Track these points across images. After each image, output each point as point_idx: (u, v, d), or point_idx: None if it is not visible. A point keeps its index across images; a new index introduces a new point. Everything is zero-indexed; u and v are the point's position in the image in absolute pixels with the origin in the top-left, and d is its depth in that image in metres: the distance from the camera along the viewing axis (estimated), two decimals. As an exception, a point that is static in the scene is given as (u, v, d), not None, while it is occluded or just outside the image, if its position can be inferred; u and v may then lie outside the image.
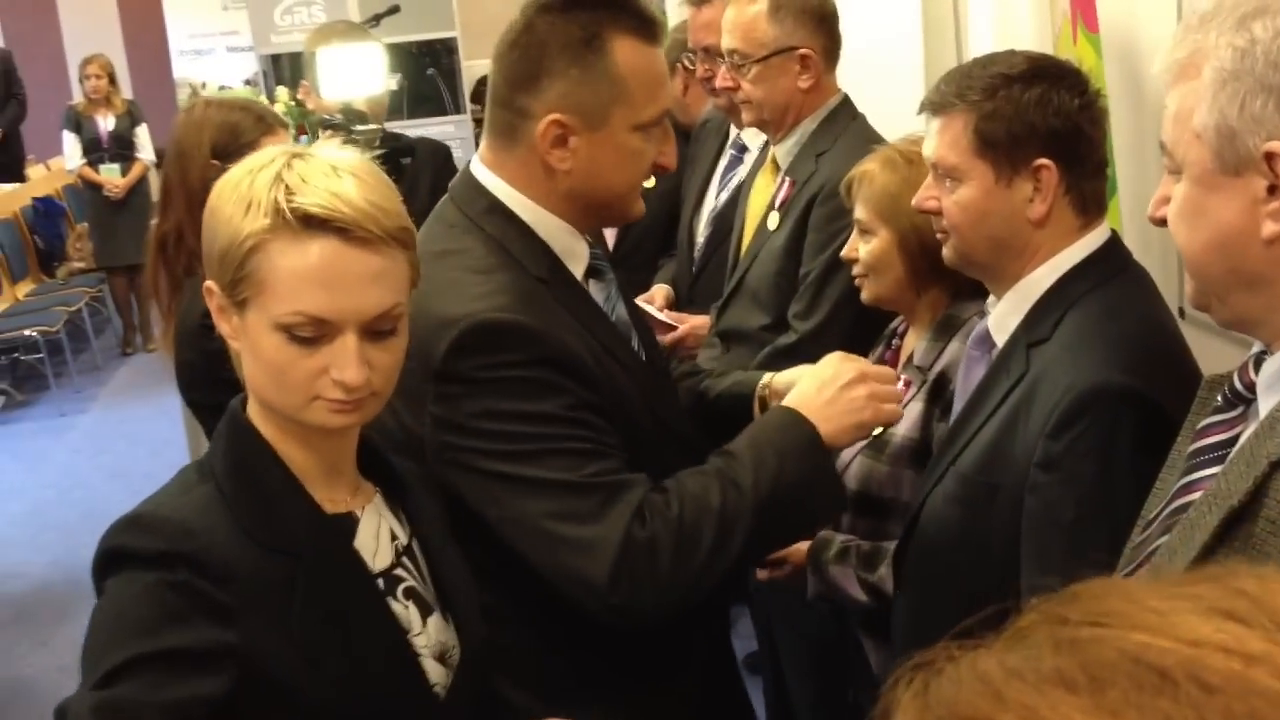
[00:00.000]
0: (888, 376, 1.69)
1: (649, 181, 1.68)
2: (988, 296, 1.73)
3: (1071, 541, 1.44)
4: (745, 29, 2.53)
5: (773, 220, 2.55)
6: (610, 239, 3.16)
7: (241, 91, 10.23)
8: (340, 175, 1.21)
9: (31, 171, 9.74)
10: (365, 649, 1.26)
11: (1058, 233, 1.59)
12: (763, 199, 2.65)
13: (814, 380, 1.64)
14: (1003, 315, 1.65)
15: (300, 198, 1.19)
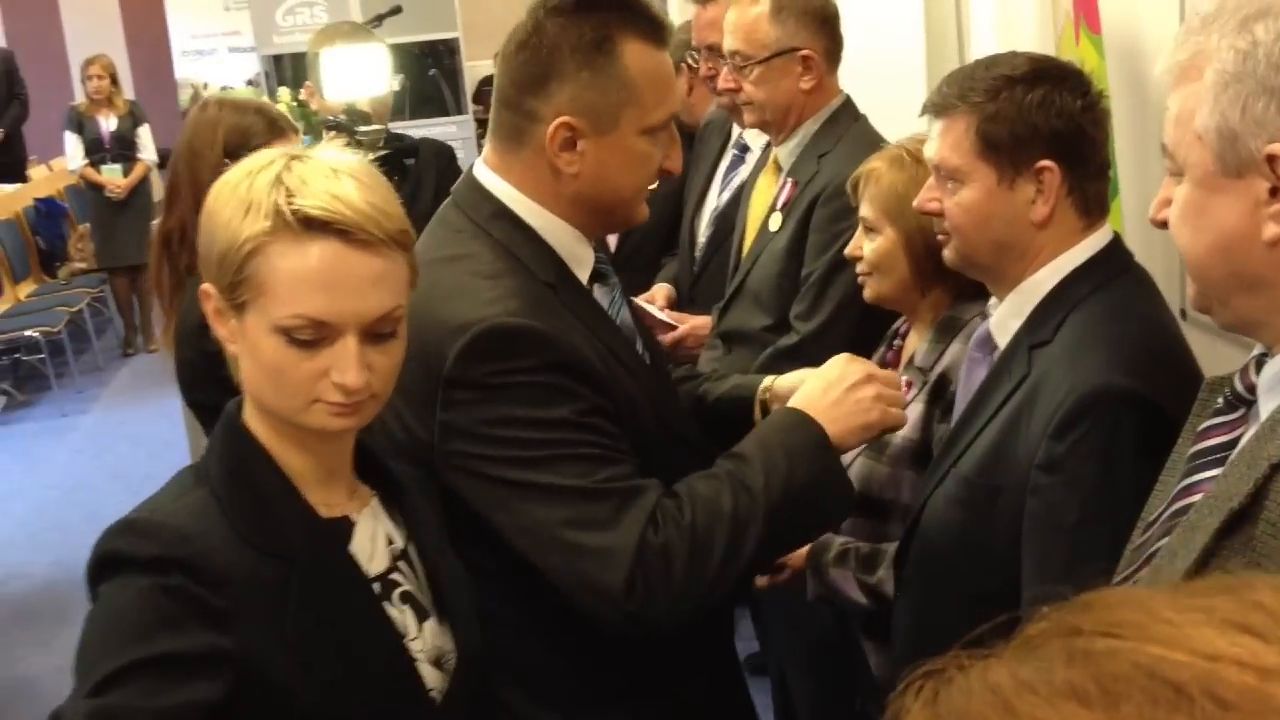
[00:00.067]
0: (893, 380, 1.68)
1: (651, 184, 1.67)
2: (990, 298, 1.73)
3: (1073, 544, 1.44)
4: (747, 30, 2.53)
5: (775, 221, 2.55)
6: (612, 242, 3.17)
7: (244, 92, 10.23)
8: (340, 177, 1.21)
9: (33, 172, 9.75)
10: (361, 654, 1.26)
11: (1060, 234, 1.59)
12: (765, 200, 2.64)
13: (820, 381, 1.62)
14: (1004, 317, 1.64)
15: (301, 200, 1.18)
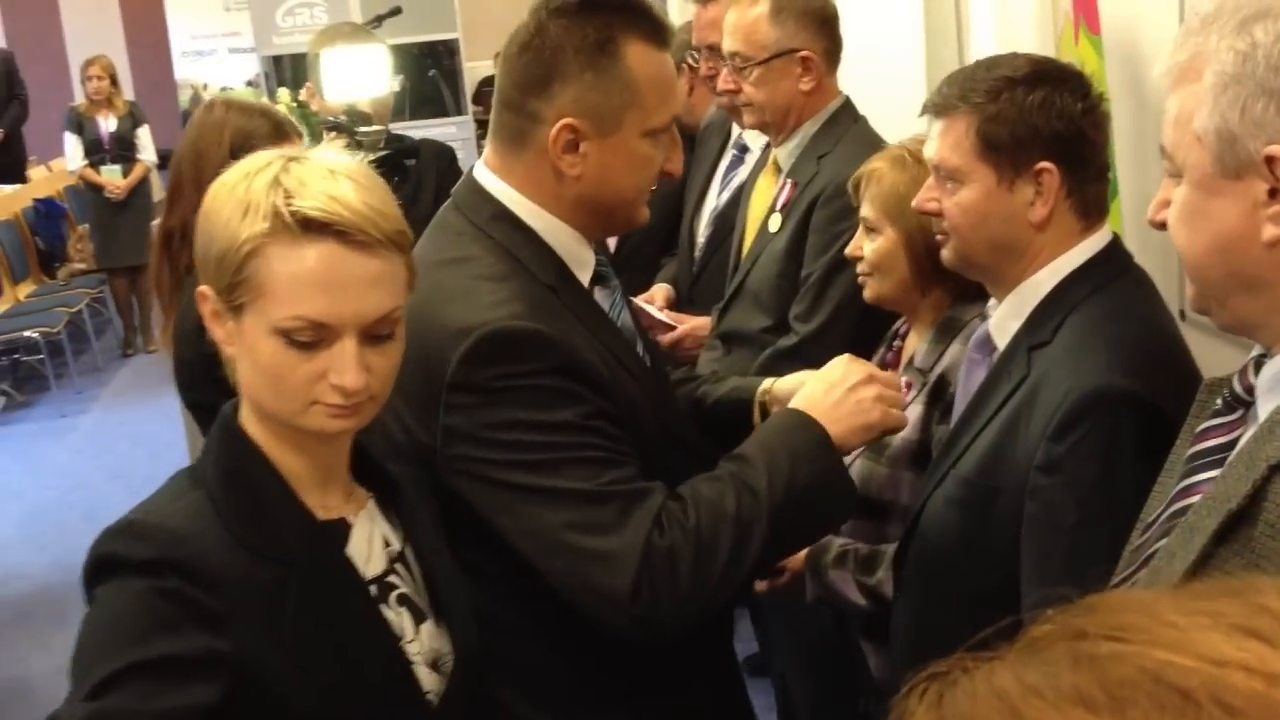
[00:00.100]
0: (894, 382, 1.68)
1: (652, 187, 1.65)
2: (989, 299, 1.73)
3: (1072, 545, 1.44)
4: (746, 32, 2.52)
5: (774, 222, 2.55)
6: (611, 242, 3.16)
7: (245, 93, 10.23)
8: (338, 178, 1.20)
9: (33, 172, 9.75)
10: (358, 656, 1.25)
11: (1059, 236, 1.59)
12: (764, 201, 2.64)
13: (822, 382, 1.62)
14: (1003, 318, 1.65)
15: (299, 201, 1.17)
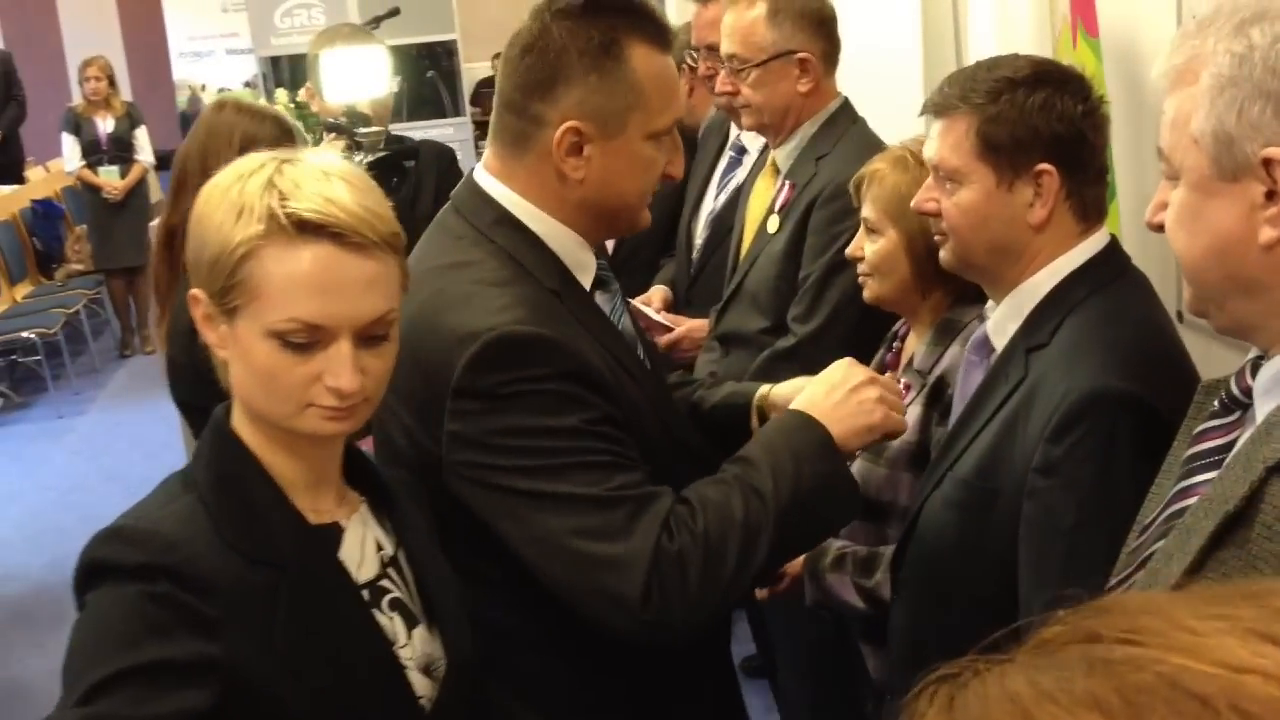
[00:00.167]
0: (895, 386, 1.68)
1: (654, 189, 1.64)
2: (988, 301, 1.73)
3: (1070, 546, 1.44)
4: (744, 33, 2.53)
5: (772, 223, 2.55)
6: (608, 244, 3.16)
7: (242, 94, 10.21)
8: (332, 180, 1.20)
9: (30, 173, 9.74)
10: (350, 661, 1.25)
11: (1057, 238, 1.59)
12: (762, 202, 2.65)
13: (823, 384, 1.61)
14: (1001, 320, 1.65)
15: (294, 203, 1.17)
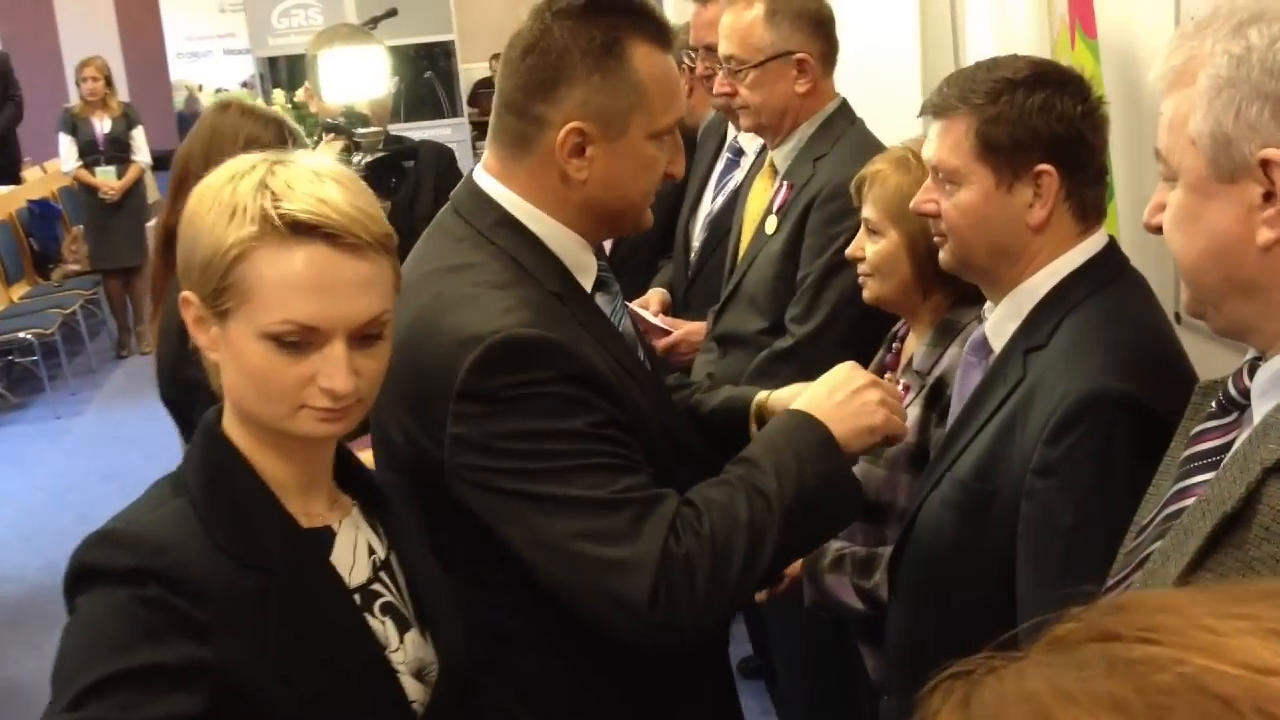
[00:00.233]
0: (896, 391, 1.68)
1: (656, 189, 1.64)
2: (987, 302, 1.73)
3: (1068, 547, 1.44)
4: (742, 35, 2.53)
5: (770, 224, 2.55)
6: (607, 245, 3.16)
7: (240, 94, 10.21)
8: (324, 181, 1.20)
9: (27, 174, 9.74)
10: (341, 666, 1.24)
11: (1056, 239, 1.59)
12: (760, 203, 2.65)
13: (825, 385, 1.61)
14: (1000, 321, 1.65)
15: (288, 204, 1.17)
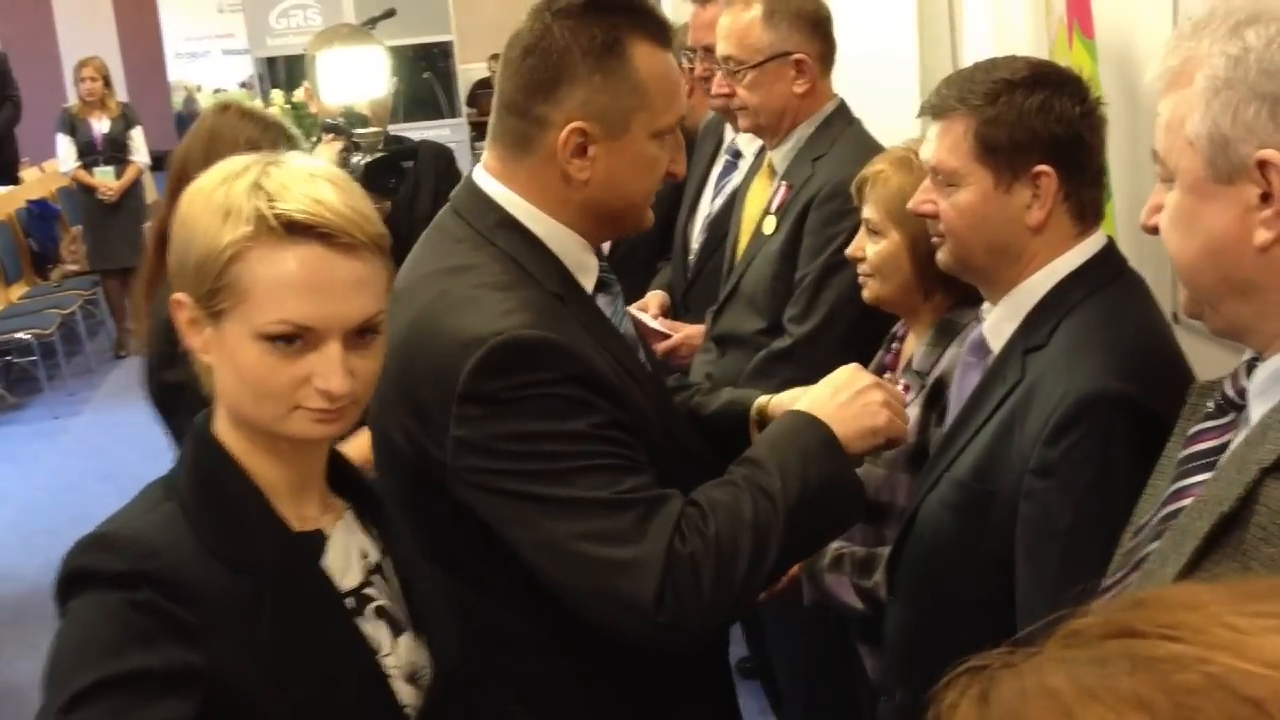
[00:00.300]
0: (898, 394, 1.68)
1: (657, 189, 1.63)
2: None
3: (1067, 548, 1.44)
4: (740, 35, 2.53)
5: (769, 225, 2.55)
6: (605, 246, 3.16)
7: (239, 95, 10.22)
8: (318, 181, 1.20)
9: (26, 174, 9.75)
10: (334, 670, 1.24)
11: (1054, 239, 1.59)
12: (759, 203, 2.65)
13: (828, 386, 1.61)
14: (998, 321, 1.65)
15: (283, 204, 1.16)
